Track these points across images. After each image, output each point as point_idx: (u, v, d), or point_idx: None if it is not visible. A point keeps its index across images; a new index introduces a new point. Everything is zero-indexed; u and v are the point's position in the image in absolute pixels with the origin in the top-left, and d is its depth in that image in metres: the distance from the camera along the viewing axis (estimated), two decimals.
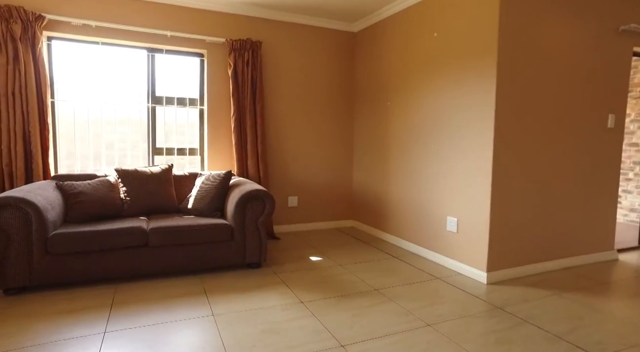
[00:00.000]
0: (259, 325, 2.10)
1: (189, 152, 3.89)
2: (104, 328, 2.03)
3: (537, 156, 2.91)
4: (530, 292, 2.63)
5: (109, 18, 3.39)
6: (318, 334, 2.02)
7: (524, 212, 2.90)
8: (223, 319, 2.16)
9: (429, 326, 2.13)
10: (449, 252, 3.14)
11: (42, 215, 2.43)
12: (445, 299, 2.51)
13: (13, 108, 3.06)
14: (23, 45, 3.06)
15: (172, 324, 2.09)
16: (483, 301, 2.48)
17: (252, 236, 2.97)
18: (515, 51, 2.73)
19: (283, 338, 1.97)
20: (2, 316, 2.15)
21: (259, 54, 3.81)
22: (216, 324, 2.10)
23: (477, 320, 2.22)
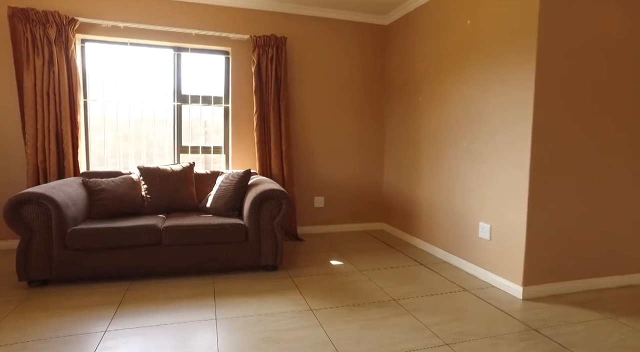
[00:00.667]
0: (260, 333, 1.99)
1: (213, 150, 3.89)
2: (106, 327, 2.01)
3: (583, 157, 2.54)
4: (575, 312, 2.29)
5: (137, 19, 3.46)
6: (319, 347, 1.86)
7: (568, 220, 2.54)
8: (225, 324, 2.07)
9: (446, 346, 1.90)
10: (481, 261, 2.84)
11: (62, 211, 2.49)
12: (470, 314, 2.25)
13: (47, 108, 3.20)
14: (57, 47, 3.19)
15: (172, 326, 2.04)
16: (515, 320, 2.19)
17: (267, 238, 2.87)
18: (558, 39, 2.39)
19: (281, 349, 1.84)
20: (19, 308, 2.22)
21: (283, 50, 3.72)
22: (216, 329, 2.01)
23: (504, 342, 1.94)
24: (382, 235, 4.08)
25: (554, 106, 2.43)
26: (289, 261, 3.19)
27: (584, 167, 2.54)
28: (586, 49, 2.46)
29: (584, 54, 2.46)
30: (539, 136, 2.41)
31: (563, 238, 2.54)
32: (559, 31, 2.38)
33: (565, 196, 2.51)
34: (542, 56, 2.36)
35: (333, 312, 2.24)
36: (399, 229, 4.00)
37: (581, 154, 2.53)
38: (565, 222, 2.53)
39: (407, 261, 3.23)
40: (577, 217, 2.56)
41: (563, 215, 2.52)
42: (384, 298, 2.45)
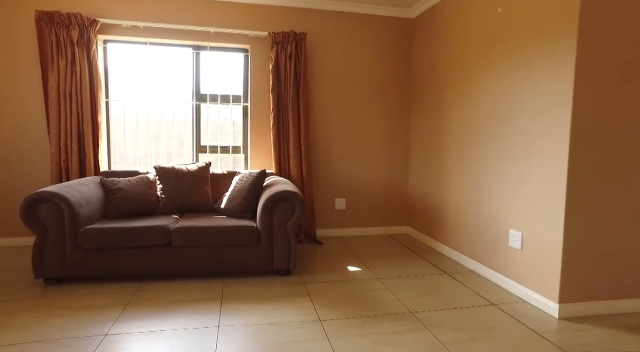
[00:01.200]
0: (261, 344, 1.87)
1: (232, 150, 3.83)
2: (107, 330, 1.97)
3: (631, 155, 2.23)
4: (626, 339, 2.00)
5: (156, 18, 3.45)
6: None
7: (613, 228, 2.24)
8: (226, 333, 1.97)
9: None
10: (511, 272, 2.58)
11: (74, 210, 2.50)
12: (497, 333, 2.02)
13: (70, 108, 3.25)
14: (79, 48, 3.24)
15: (171, 332, 1.96)
16: (550, 343, 1.94)
17: (280, 241, 2.75)
18: (604, 24, 2.10)
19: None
20: (31, 306, 2.22)
21: (303, 46, 3.60)
22: (217, 338, 1.91)
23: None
24: (406, 240, 3.86)
25: (597, 97, 2.14)
26: (304, 265, 3.06)
27: (634, 167, 2.23)
28: (635, 35, 2.15)
29: (632, 40, 2.15)
30: (579, 131, 2.14)
31: (607, 249, 2.24)
32: (605, 15, 2.10)
33: (610, 200, 2.22)
34: (584, 42, 2.09)
35: (343, 323, 2.09)
36: (424, 233, 3.77)
37: (629, 151, 2.22)
38: (610, 231, 2.24)
39: (430, 268, 3.01)
40: (624, 224, 2.25)
41: (607, 222, 2.23)
42: (401, 310, 2.26)
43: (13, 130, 3.32)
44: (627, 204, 2.24)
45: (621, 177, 2.22)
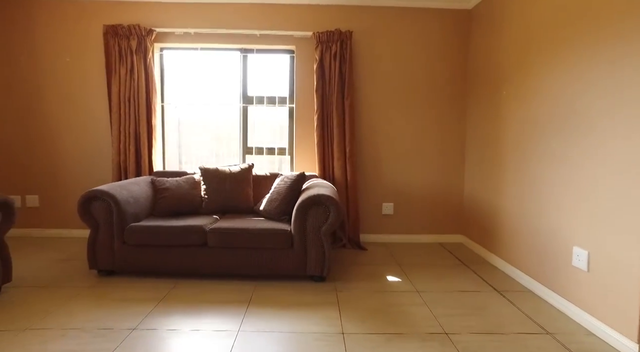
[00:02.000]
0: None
1: (277, 151, 3.84)
2: (137, 324, 2.05)
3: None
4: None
5: (205, 24, 3.58)
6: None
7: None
8: (244, 339, 1.93)
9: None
10: (575, 297, 2.21)
11: (121, 207, 2.67)
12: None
13: (128, 112, 3.51)
14: (137, 57, 3.47)
15: (192, 334, 1.98)
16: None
17: (313, 246, 2.67)
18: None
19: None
20: (82, 294, 2.41)
21: (348, 45, 3.48)
22: (233, 344, 1.89)
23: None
24: (459, 250, 3.55)
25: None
26: (341, 271, 2.94)
27: None
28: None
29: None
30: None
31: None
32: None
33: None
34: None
35: (366, 339, 1.94)
36: (480, 244, 3.43)
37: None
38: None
39: (480, 284, 2.71)
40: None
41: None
42: (434, 330, 2.05)
43: (82, 133, 3.67)
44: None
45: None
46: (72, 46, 3.60)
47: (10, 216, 2.43)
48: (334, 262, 3.15)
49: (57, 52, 3.60)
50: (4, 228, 2.41)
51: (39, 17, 3.57)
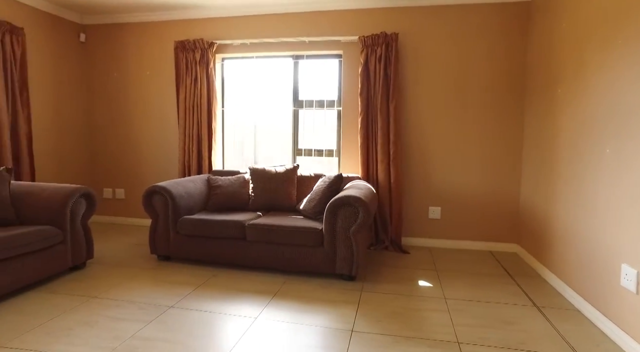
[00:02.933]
0: (280, 342, 1.93)
1: (325, 153, 3.97)
2: (174, 303, 2.34)
3: None
4: None
5: (260, 34, 3.85)
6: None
7: None
8: (258, 326, 2.10)
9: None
10: (623, 321, 1.96)
11: (176, 201, 3.04)
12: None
13: (192, 117, 3.94)
14: (200, 67, 3.89)
15: (215, 315, 2.20)
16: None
17: (343, 246, 2.74)
18: None
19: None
20: (141, 274, 2.81)
21: (393, 47, 3.47)
22: (247, 329, 2.06)
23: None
24: (510, 260, 3.31)
25: None
26: (375, 272, 2.97)
27: None
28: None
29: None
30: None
31: None
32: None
33: None
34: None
35: (373, 339, 1.97)
36: (533, 255, 3.17)
37: None
38: None
39: (519, 297, 2.53)
40: None
41: None
42: (446, 338, 1.99)
43: (159, 136, 4.21)
44: None
45: None
46: (152, 61, 4.16)
47: (92, 205, 2.93)
48: (370, 263, 3.18)
49: (140, 67, 4.19)
50: (87, 214, 2.92)
51: (127, 39, 4.19)
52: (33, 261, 2.50)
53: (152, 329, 2.04)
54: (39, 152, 3.83)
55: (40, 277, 2.56)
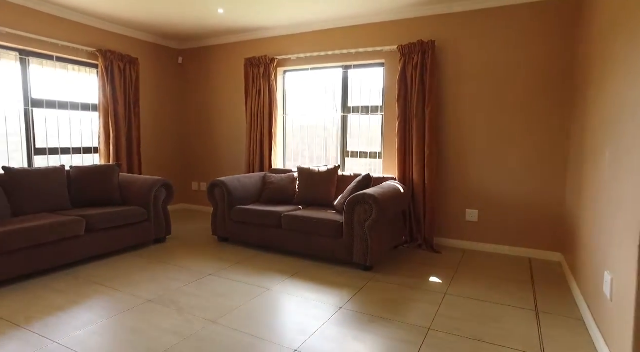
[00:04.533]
0: (268, 304, 2.37)
1: (370, 155, 4.27)
2: (214, 272, 2.97)
3: None
4: None
5: (314, 48, 4.34)
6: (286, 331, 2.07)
7: None
8: (266, 296, 2.57)
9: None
10: (604, 328, 1.92)
11: (231, 193, 3.70)
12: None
13: (256, 124, 4.62)
14: (263, 80, 4.54)
15: (239, 283, 2.74)
16: None
17: (359, 238, 3.06)
18: None
19: (259, 323, 2.18)
20: (202, 249, 3.53)
21: (429, 54, 3.61)
22: (256, 297, 2.55)
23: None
24: (549, 269, 3.19)
25: None
26: (395, 266, 3.20)
27: None
28: None
29: None
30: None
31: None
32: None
33: None
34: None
35: (354, 316, 2.28)
36: (569, 264, 3.02)
37: None
38: None
39: (524, 301, 2.53)
40: None
41: None
42: (420, 324, 2.20)
43: (233, 139, 5.01)
44: None
45: None
46: (228, 76, 4.98)
47: (171, 193, 3.77)
48: (395, 258, 3.41)
49: (219, 82, 5.05)
50: (167, 200, 3.77)
51: (211, 58, 5.09)
52: (128, 232, 3.39)
53: (191, 287, 2.68)
54: (145, 152, 4.93)
55: (132, 244, 3.45)
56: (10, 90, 3.67)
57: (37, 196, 3.23)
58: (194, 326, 2.14)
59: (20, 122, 3.78)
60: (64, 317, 2.22)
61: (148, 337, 2.01)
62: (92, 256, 3.18)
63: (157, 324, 2.16)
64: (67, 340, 1.97)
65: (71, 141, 4.19)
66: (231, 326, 2.14)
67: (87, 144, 4.34)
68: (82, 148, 4.30)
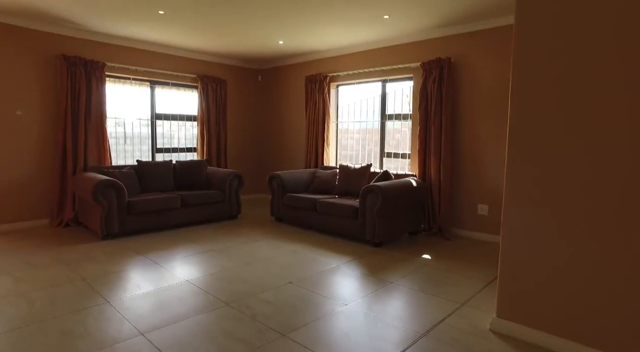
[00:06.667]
0: (290, 260, 3.37)
1: (401, 156, 4.99)
2: (261, 239, 4.09)
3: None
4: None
5: (359, 66, 5.22)
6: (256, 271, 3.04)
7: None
8: (284, 253, 3.58)
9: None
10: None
11: (284, 183, 4.81)
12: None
13: (312, 130, 5.67)
14: (318, 94, 5.57)
15: (266, 246, 3.81)
16: None
17: (369, 220, 3.88)
18: None
19: (252, 271, 3.19)
20: (261, 227, 4.72)
21: (445, 69, 4.23)
22: (282, 256, 3.58)
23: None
24: None
25: None
26: (402, 246, 3.92)
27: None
28: None
29: None
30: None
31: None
32: None
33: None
34: None
35: (343, 270, 3.16)
36: None
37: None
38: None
39: (483, 274, 3.09)
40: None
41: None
42: (389, 279, 2.97)
43: (294, 142, 6.15)
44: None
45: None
46: (294, 90, 6.14)
47: (241, 182, 5.05)
48: (407, 240, 4.13)
49: (288, 95, 6.23)
50: (239, 187, 5.06)
51: (282, 76, 6.31)
52: (209, 208, 4.75)
53: (243, 245, 3.84)
54: (230, 151, 6.36)
55: (211, 218, 4.80)
56: (143, 108, 5.35)
57: (155, 180, 4.76)
58: (234, 262, 3.27)
59: (148, 130, 5.45)
60: (168, 254, 3.54)
61: (210, 264, 3.19)
62: (185, 222, 4.58)
63: (218, 260, 3.34)
64: (171, 264, 3.26)
65: (178, 142, 5.79)
66: (259, 266, 3.21)
67: (188, 145, 5.91)
68: (185, 148, 5.89)
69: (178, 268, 3.17)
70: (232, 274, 3.04)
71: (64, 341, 2.02)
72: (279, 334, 2.14)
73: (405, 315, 2.40)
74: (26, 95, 4.34)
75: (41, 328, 2.15)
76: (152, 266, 3.20)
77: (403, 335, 2.16)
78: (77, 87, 4.52)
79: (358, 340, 2.10)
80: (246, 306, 2.47)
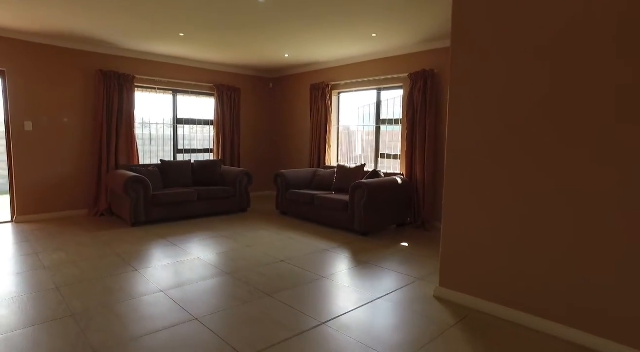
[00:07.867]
0: (285, 244, 3.98)
1: (393, 157, 5.54)
2: (262, 229, 4.73)
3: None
4: None
5: (357, 75, 5.79)
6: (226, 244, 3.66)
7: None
8: (281, 239, 4.20)
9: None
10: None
11: (287, 181, 5.44)
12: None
13: (315, 133, 6.28)
14: (321, 100, 6.18)
15: (266, 234, 4.44)
16: None
17: (357, 213, 4.46)
18: None
19: (237, 255, 3.81)
20: (266, 219, 5.36)
21: (429, 80, 4.76)
22: (279, 241, 4.20)
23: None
24: None
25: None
26: (387, 236, 4.48)
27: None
28: None
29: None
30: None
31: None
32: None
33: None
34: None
35: (330, 253, 3.75)
36: None
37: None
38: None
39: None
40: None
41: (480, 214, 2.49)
42: (364, 260, 3.55)
43: (300, 144, 6.78)
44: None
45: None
46: (300, 97, 6.77)
47: (250, 179, 5.71)
48: (394, 231, 4.68)
49: (295, 101, 6.87)
50: (248, 184, 5.72)
51: (289, 84, 6.95)
52: (222, 203, 5.43)
53: (247, 231, 4.49)
54: (243, 152, 7.05)
55: (224, 211, 5.48)
56: (166, 113, 6.10)
57: (176, 177, 5.48)
58: (238, 244, 3.91)
59: (171, 133, 6.19)
60: (185, 238, 4.23)
61: (218, 246, 3.85)
62: (201, 214, 5.28)
63: (225, 243, 3.99)
64: (187, 245, 3.93)
65: (197, 144, 6.52)
66: (259, 249, 3.84)
67: (206, 146, 6.64)
68: (203, 149, 6.61)
69: (192, 248, 3.84)
70: (236, 254, 3.69)
71: (106, 293, 2.71)
72: (266, 294, 2.76)
73: (370, 285, 2.98)
74: (72, 105, 5.14)
75: (89, 285, 2.85)
76: (171, 247, 3.89)
77: (363, 297, 2.74)
78: (111, 97, 5.30)
79: (327, 300, 2.69)
80: (244, 276, 3.11)
